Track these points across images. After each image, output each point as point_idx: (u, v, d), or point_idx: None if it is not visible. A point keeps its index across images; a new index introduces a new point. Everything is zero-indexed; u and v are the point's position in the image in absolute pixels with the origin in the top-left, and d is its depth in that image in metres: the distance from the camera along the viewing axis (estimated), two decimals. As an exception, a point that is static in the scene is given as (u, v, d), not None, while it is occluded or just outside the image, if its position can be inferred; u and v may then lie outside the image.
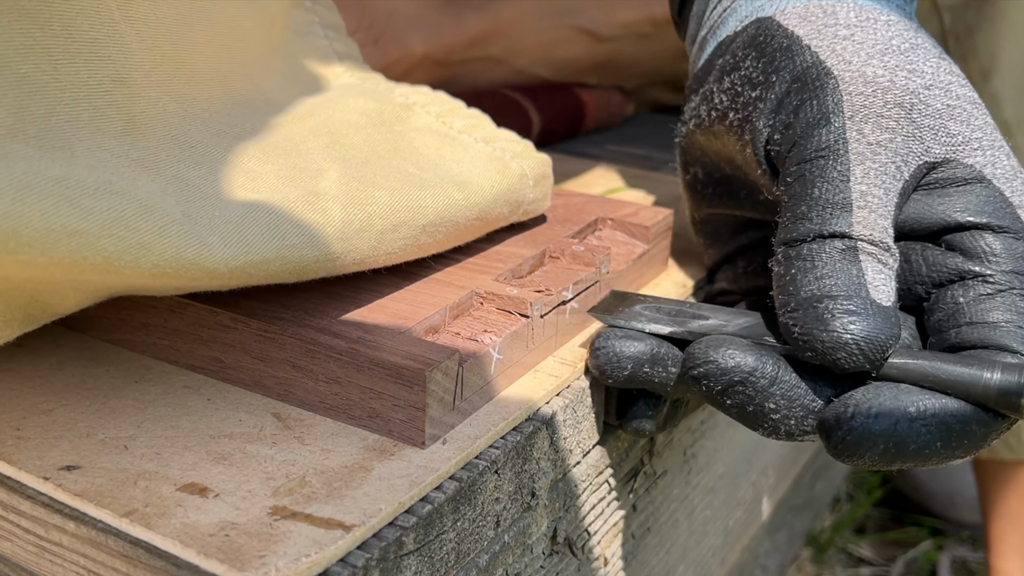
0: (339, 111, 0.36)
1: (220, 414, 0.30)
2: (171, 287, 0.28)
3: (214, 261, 0.27)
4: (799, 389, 0.29)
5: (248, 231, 0.28)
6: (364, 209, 0.31)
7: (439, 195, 0.34)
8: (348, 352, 0.29)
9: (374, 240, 0.31)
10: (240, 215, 0.28)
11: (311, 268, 0.30)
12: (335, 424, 0.30)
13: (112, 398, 0.31)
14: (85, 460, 0.28)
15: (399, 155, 0.35)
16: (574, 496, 0.35)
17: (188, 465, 0.28)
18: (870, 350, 0.28)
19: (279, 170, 0.31)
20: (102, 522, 0.26)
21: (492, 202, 0.36)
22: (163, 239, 0.26)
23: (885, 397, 0.27)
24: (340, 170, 0.32)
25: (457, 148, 0.37)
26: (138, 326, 0.33)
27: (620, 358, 0.32)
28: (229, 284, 0.28)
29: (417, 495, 0.27)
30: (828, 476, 0.86)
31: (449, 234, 0.34)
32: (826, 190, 0.30)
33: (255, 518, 0.25)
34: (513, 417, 0.31)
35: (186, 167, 0.30)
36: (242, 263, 0.27)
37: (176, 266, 0.26)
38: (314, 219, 0.30)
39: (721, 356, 0.29)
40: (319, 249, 0.29)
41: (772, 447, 0.58)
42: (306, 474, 0.27)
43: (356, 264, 0.31)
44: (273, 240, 0.28)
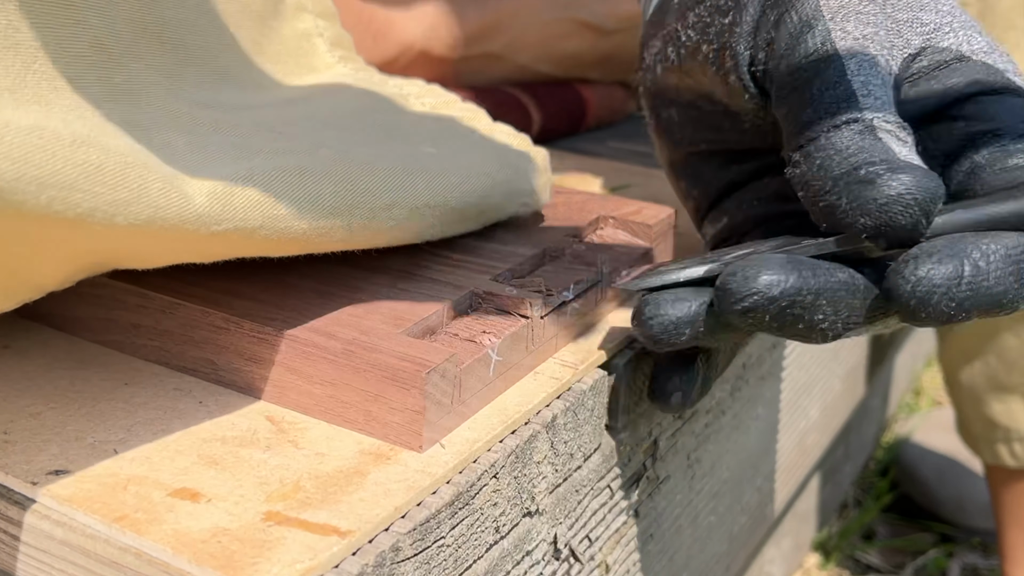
0: (330, 97, 0.36)
1: (212, 417, 0.30)
2: (152, 253, 0.27)
3: (196, 223, 0.26)
4: (843, 291, 0.28)
5: (236, 197, 0.27)
6: (356, 185, 0.31)
7: (434, 176, 0.33)
8: (343, 354, 0.29)
9: (365, 217, 0.31)
10: (228, 180, 0.28)
11: (299, 241, 0.29)
12: (330, 427, 0.30)
13: (102, 401, 0.31)
14: (74, 464, 0.28)
15: (392, 139, 0.35)
16: (575, 501, 0.35)
17: (179, 470, 0.28)
18: (924, 200, 0.27)
19: (270, 144, 0.31)
20: (91, 528, 0.26)
21: (489, 188, 0.36)
22: (142, 197, 0.25)
23: (943, 244, 0.27)
24: (333, 147, 0.32)
25: (453, 138, 0.37)
26: (128, 327, 0.33)
27: (677, 323, 0.30)
28: (211, 252, 0.28)
29: (414, 500, 0.27)
30: (835, 481, 0.86)
31: (444, 218, 0.34)
32: (827, 88, 0.30)
33: (248, 524, 0.25)
34: (512, 420, 0.31)
35: (173, 134, 0.29)
36: (226, 228, 0.27)
37: (155, 226, 0.25)
38: (305, 192, 0.29)
39: (761, 284, 0.28)
40: (309, 222, 0.29)
41: (778, 452, 0.58)
42: (300, 479, 0.27)
43: (345, 241, 0.31)
44: (261, 208, 0.28)
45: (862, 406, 0.87)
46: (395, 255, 0.37)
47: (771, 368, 0.53)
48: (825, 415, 0.66)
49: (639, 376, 0.37)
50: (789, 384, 0.57)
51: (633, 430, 0.38)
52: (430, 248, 0.37)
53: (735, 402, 0.48)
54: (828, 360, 0.64)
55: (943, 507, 0.89)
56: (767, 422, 0.54)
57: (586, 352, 0.35)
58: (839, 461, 0.85)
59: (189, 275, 0.34)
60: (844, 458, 0.87)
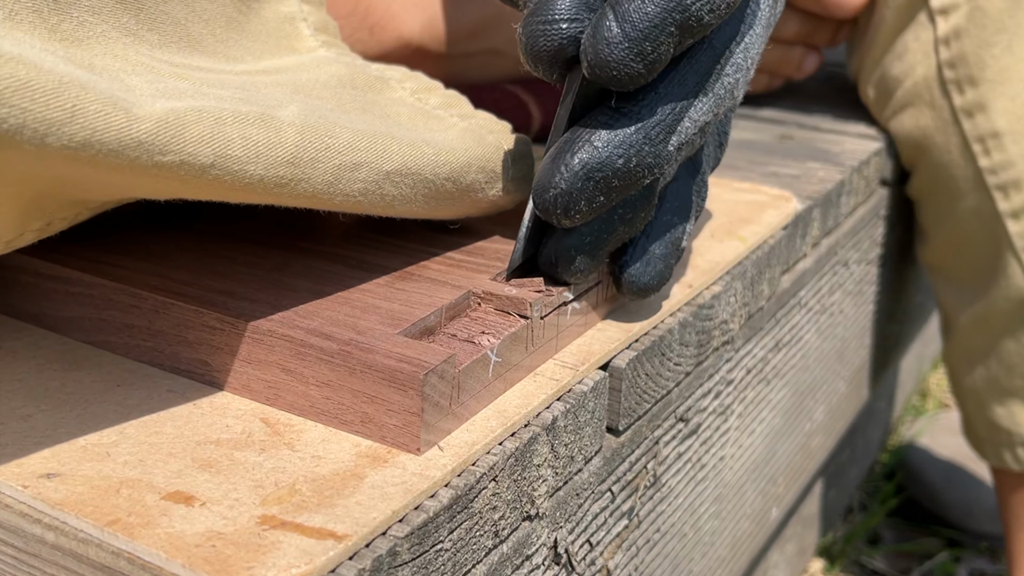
0: (304, 72, 0.36)
1: (206, 419, 0.30)
2: (95, 183, 0.26)
3: (139, 151, 0.25)
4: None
5: (187, 129, 0.26)
6: (322, 140, 0.30)
7: (406, 145, 0.33)
8: (340, 354, 0.29)
9: (330, 175, 0.30)
10: (181, 112, 0.26)
11: (254, 188, 0.28)
12: (326, 430, 0.30)
13: (94, 403, 0.31)
14: (66, 467, 0.28)
15: (368, 114, 0.35)
16: (576, 505, 0.35)
17: (173, 473, 0.28)
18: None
19: (234, 94, 0.30)
20: (83, 532, 0.26)
21: (466, 165, 0.35)
22: (77, 117, 0.24)
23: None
24: (302, 107, 0.31)
25: (431, 120, 0.37)
26: (121, 328, 0.33)
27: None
28: (157, 188, 0.27)
29: (411, 504, 0.27)
30: (840, 485, 0.86)
31: (417, 189, 0.34)
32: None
33: (243, 528, 0.25)
34: (512, 423, 0.31)
35: (127, 74, 0.28)
36: (172, 160, 0.26)
37: (91, 151, 0.24)
38: (264, 136, 0.28)
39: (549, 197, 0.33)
40: (265, 169, 0.28)
41: (782, 455, 0.58)
42: (296, 482, 0.27)
43: (307, 198, 0.30)
44: (213, 146, 0.27)
45: (868, 408, 0.87)
46: (393, 255, 0.37)
47: (776, 370, 0.53)
48: (830, 418, 0.66)
49: (641, 377, 0.37)
50: (793, 386, 0.57)
51: (635, 433, 0.38)
52: (428, 248, 0.37)
53: (739, 405, 0.48)
54: (833, 362, 0.64)
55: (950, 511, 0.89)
56: (771, 425, 0.54)
57: (587, 353, 0.35)
58: (844, 464, 0.85)
59: (183, 275, 0.34)
60: (849, 461, 0.87)
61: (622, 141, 0.32)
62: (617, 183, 0.32)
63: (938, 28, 0.61)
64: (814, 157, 0.61)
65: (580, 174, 0.32)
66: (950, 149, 0.62)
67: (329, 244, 0.37)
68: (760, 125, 0.68)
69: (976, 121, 0.61)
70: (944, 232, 0.66)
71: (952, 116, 0.62)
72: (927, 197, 0.66)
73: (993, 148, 0.61)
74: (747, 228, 0.47)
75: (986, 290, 0.64)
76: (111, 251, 0.36)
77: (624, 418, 0.37)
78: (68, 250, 0.35)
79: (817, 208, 0.54)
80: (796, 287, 0.53)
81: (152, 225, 0.38)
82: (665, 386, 0.39)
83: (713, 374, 0.44)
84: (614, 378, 0.36)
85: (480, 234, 0.39)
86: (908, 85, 0.64)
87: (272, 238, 0.38)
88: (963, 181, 0.62)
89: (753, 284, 0.46)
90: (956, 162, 0.62)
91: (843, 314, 0.63)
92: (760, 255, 0.46)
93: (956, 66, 0.61)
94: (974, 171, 0.61)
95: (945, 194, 0.64)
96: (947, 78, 0.61)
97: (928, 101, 0.63)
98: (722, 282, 0.43)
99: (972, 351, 0.67)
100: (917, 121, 0.64)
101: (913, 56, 0.63)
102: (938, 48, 0.61)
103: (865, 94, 0.68)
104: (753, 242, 0.46)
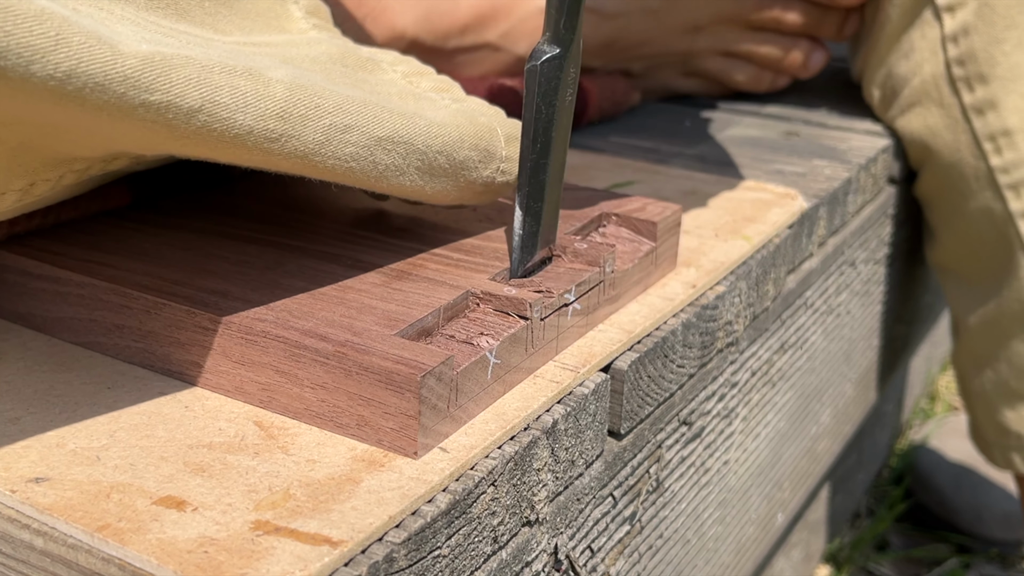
0: (296, 48, 0.36)
1: (198, 422, 0.30)
2: (82, 126, 0.26)
3: (125, 85, 0.24)
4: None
5: (174, 70, 0.26)
6: (311, 99, 0.30)
7: (398, 115, 0.33)
8: (335, 356, 0.29)
9: (320, 135, 0.30)
10: (170, 54, 0.26)
11: (244, 141, 0.28)
12: (321, 433, 0.30)
13: (83, 405, 0.31)
14: (54, 472, 0.28)
15: (358, 90, 0.35)
16: (577, 510, 0.35)
17: (164, 477, 0.28)
18: None
19: (222, 53, 0.30)
20: (73, 538, 0.26)
21: (458, 140, 0.35)
22: (61, 45, 0.23)
23: None
24: (290, 71, 0.31)
25: (422, 101, 0.37)
26: (111, 328, 0.33)
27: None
28: (143, 138, 0.26)
29: (408, 509, 0.27)
30: (847, 490, 0.86)
31: (409, 160, 0.34)
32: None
33: (236, 533, 0.25)
34: (511, 426, 0.31)
35: (112, 22, 0.28)
36: (159, 100, 0.25)
37: (77, 82, 0.23)
38: (252, 88, 0.28)
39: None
40: (254, 120, 0.28)
41: (788, 459, 0.58)
42: (290, 486, 0.27)
43: (296, 158, 0.30)
44: (201, 89, 0.27)
45: (875, 412, 0.87)
46: (389, 254, 0.37)
47: (781, 373, 0.53)
48: (837, 421, 0.67)
49: (643, 380, 0.37)
50: (799, 389, 0.57)
51: (637, 436, 0.38)
52: (425, 247, 0.37)
53: (743, 408, 0.48)
54: (840, 364, 0.64)
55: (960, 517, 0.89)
56: (776, 428, 0.54)
57: (588, 355, 0.35)
58: (851, 469, 0.86)
59: (175, 274, 0.34)
60: (856, 466, 0.87)
61: None
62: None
63: (945, 25, 0.61)
64: (820, 154, 0.61)
65: None
66: (959, 148, 0.62)
67: (324, 243, 0.37)
68: (765, 122, 0.69)
69: (987, 119, 0.61)
70: (953, 232, 0.66)
71: (962, 114, 0.62)
72: (936, 197, 0.66)
73: (1004, 146, 0.61)
74: (752, 227, 0.47)
75: (997, 291, 0.64)
76: (101, 250, 0.36)
77: (626, 421, 0.37)
78: (57, 249, 0.35)
79: (823, 207, 0.54)
80: (802, 287, 0.53)
81: (143, 224, 0.38)
82: (668, 389, 0.40)
83: (717, 376, 0.44)
84: (616, 380, 0.36)
85: (478, 233, 0.39)
86: (915, 83, 0.64)
87: (266, 237, 0.38)
88: (973, 180, 0.62)
89: (758, 284, 0.46)
90: (966, 161, 0.62)
91: (850, 315, 0.63)
92: (765, 255, 0.46)
93: (965, 63, 0.61)
94: (985, 170, 0.61)
95: (954, 194, 0.64)
96: (956, 76, 0.62)
97: (936, 99, 0.63)
98: (726, 282, 0.43)
99: (981, 353, 0.67)
100: (925, 120, 0.64)
101: (920, 54, 0.63)
102: (946, 45, 0.62)
103: (869, 94, 0.68)
104: (758, 241, 0.46)
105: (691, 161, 0.58)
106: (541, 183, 0.35)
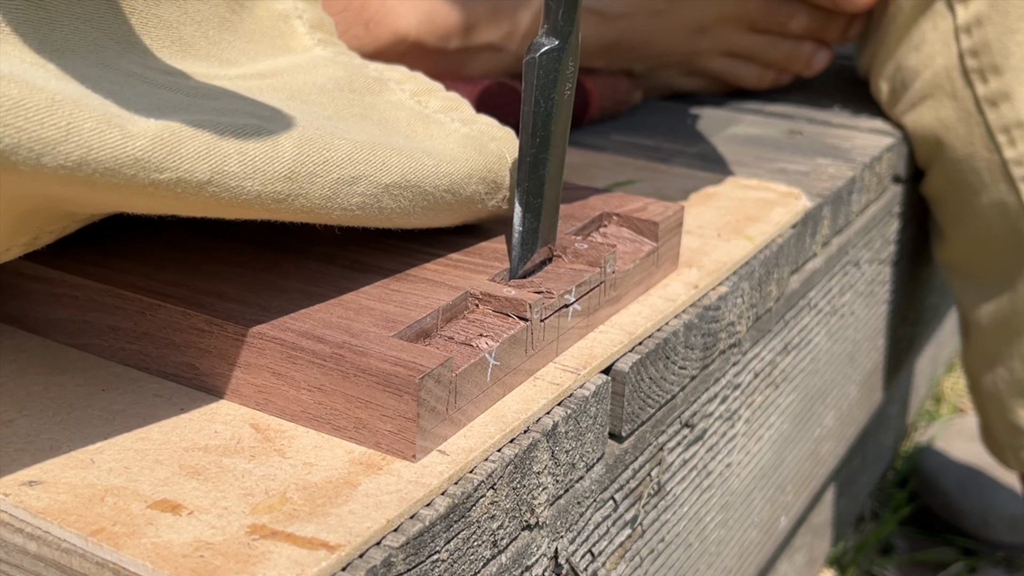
0: (302, 74, 0.36)
1: (194, 425, 0.30)
2: (90, 200, 0.26)
3: (135, 168, 0.25)
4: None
5: (183, 145, 0.26)
6: (320, 153, 0.30)
7: (406, 156, 0.33)
8: (333, 358, 0.29)
9: (328, 190, 0.31)
10: (177, 127, 0.27)
11: (252, 204, 0.29)
12: (318, 436, 0.30)
13: (77, 408, 0.31)
14: (48, 475, 0.28)
15: (366, 120, 0.35)
16: (577, 514, 0.35)
17: (159, 480, 0.28)
18: None
19: (229, 104, 0.30)
20: (67, 542, 0.26)
21: (466, 176, 0.35)
22: (72, 135, 0.24)
23: None
24: (299, 116, 0.31)
25: (431, 125, 0.37)
26: (105, 330, 0.34)
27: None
28: (151, 205, 0.27)
29: (407, 512, 0.27)
30: (851, 493, 0.86)
31: (416, 202, 0.34)
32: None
33: (232, 537, 0.25)
34: (511, 428, 0.31)
35: (117, 86, 0.28)
36: (169, 178, 0.26)
37: (88, 169, 0.24)
38: (261, 151, 0.29)
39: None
40: (262, 184, 0.29)
41: (791, 462, 0.58)
42: (287, 490, 0.27)
43: (305, 212, 0.30)
44: (210, 161, 0.27)
45: (880, 413, 0.87)
46: (388, 254, 0.37)
47: (784, 374, 0.53)
48: (841, 423, 0.67)
49: (644, 381, 0.37)
50: (803, 391, 0.57)
51: (638, 439, 0.38)
52: (424, 247, 0.37)
53: (746, 410, 0.48)
54: (844, 365, 0.64)
55: (965, 520, 0.89)
56: (779, 430, 0.54)
57: (589, 356, 0.35)
58: (855, 471, 0.86)
59: (170, 275, 0.34)
60: (861, 468, 0.87)
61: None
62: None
63: (958, 16, 0.61)
64: (824, 153, 0.61)
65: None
66: (972, 141, 0.62)
67: (321, 243, 0.37)
68: (768, 120, 0.69)
69: (1001, 111, 0.61)
70: (964, 229, 0.66)
71: (975, 106, 0.62)
72: (945, 193, 0.66)
73: (1019, 138, 0.61)
74: (755, 227, 0.47)
75: (1010, 287, 0.64)
76: (96, 251, 0.36)
77: (627, 424, 0.37)
78: (50, 250, 0.35)
79: (827, 206, 0.54)
80: (805, 288, 0.53)
81: (138, 224, 0.38)
82: (670, 390, 0.40)
83: (719, 378, 0.44)
84: (617, 382, 0.36)
85: (478, 233, 0.39)
86: (927, 76, 0.64)
87: (262, 237, 0.38)
88: (986, 174, 0.62)
89: (761, 285, 0.46)
90: (979, 154, 0.62)
91: (854, 316, 0.63)
92: (768, 255, 0.46)
93: (979, 54, 0.61)
94: (999, 163, 0.61)
95: (966, 188, 0.64)
96: (969, 67, 0.61)
97: (949, 92, 0.63)
98: (729, 283, 0.43)
99: (993, 352, 0.67)
100: (937, 113, 0.64)
101: (931, 46, 0.63)
102: (959, 36, 0.61)
103: (877, 89, 0.68)
104: (761, 241, 0.46)
105: (693, 160, 0.58)
106: (540, 178, 0.35)
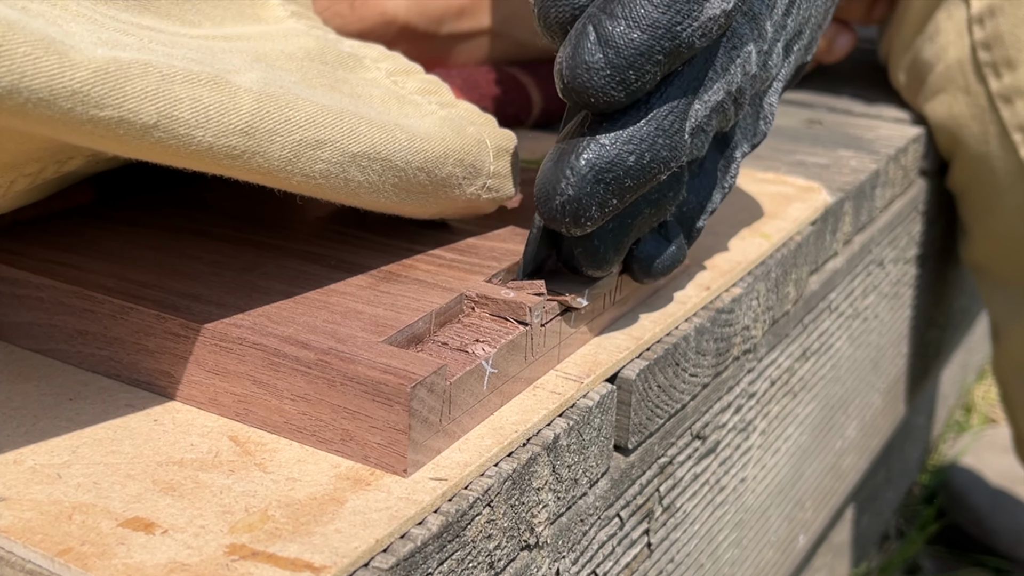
0: (270, 41, 0.36)
1: (168, 437, 0.30)
2: (21, 133, 0.26)
3: (73, 101, 0.25)
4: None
5: (129, 83, 0.26)
6: (281, 112, 0.30)
7: (376, 127, 0.33)
8: (318, 365, 0.29)
9: (288, 151, 0.30)
10: (125, 63, 0.26)
11: (203, 156, 0.28)
12: (302, 449, 0.30)
13: (43, 419, 0.31)
14: (12, 491, 0.28)
15: (336, 92, 0.35)
16: (580, 533, 0.35)
17: (131, 497, 0.28)
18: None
19: (187, 54, 0.30)
20: (31, 562, 0.26)
21: (442, 155, 0.35)
22: (3, 60, 0.23)
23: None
24: (262, 74, 0.31)
25: (407, 106, 0.37)
26: (73, 334, 0.34)
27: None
28: (94, 143, 0.26)
29: (397, 532, 0.27)
30: (875, 510, 0.86)
31: (386, 177, 0.34)
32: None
33: (209, 558, 0.25)
34: (509, 441, 0.31)
35: (66, 21, 0.28)
36: (110, 116, 0.25)
37: (19, 98, 0.24)
38: (216, 99, 0.28)
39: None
40: (215, 136, 0.28)
41: (810, 476, 0.58)
42: (268, 507, 0.27)
43: (262, 173, 0.30)
44: (158, 103, 0.27)
45: (905, 424, 0.87)
46: (376, 253, 0.37)
47: (803, 382, 0.53)
48: (863, 435, 0.67)
49: (652, 390, 0.37)
50: (823, 400, 0.57)
51: (646, 452, 0.38)
52: (416, 246, 0.37)
53: (762, 420, 0.48)
54: (867, 372, 0.64)
55: (998, 538, 0.89)
56: (797, 443, 0.54)
57: (592, 363, 0.35)
58: (879, 487, 0.86)
59: (143, 276, 0.34)
60: (885, 483, 0.87)
61: (632, 136, 0.32)
62: (631, 183, 0.32)
63: (971, 6, 0.62)
64: (845, 144, 0.61)
65: (588, 177, 0.32)
66: (988, 139, 0.62)
67: (306, 241, 0.37)
68: (785, 109, 0.69)
69: (1016, 108, 0.61)
70: (987, 229, 0.66)
71: (989, 103, 0.62)
72: (967, 191, 0.66)
73: None
74: (771, 223, 0.47)
75: None
76: (62, 250, 0.36)
77: (634, 435, 0.37)
78: (14, 248, 0.35)
79: (849, 201, 0.54)
80: (826, 289, 0.53)
81: (108, 221, 0.39)
82: (680, 400, 0.40)
83: (733, 386, 0.44)
84: (623, 391, 0.36)
85: (473, 231, 0.39)
86: (940, 69, 0.64)
87: (242, 235, 0.38)
88: (1004, 174, 0.62)
89: (778, 286, 0.46)
90: (995, 153, 0.62)
91: (878, 319, 0.64)
92: (786, 253, 0.46)
93: (991, 47, 0.61)
94: (1016, 164, 0.61)
95: (986, 188, 0.64)
96: (982, 60, 0.62)
97: (962, 86, 0.63)
98: (743, 284, 0.43)
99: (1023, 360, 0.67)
100: (951, 108, 0.64)
101: (945, 37, 0.63)
102: (972, 27, 0.62)
103: (896, 79, 0.68)
104: (778, 239, 0.46)
105: (705, 152, 0.58)
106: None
